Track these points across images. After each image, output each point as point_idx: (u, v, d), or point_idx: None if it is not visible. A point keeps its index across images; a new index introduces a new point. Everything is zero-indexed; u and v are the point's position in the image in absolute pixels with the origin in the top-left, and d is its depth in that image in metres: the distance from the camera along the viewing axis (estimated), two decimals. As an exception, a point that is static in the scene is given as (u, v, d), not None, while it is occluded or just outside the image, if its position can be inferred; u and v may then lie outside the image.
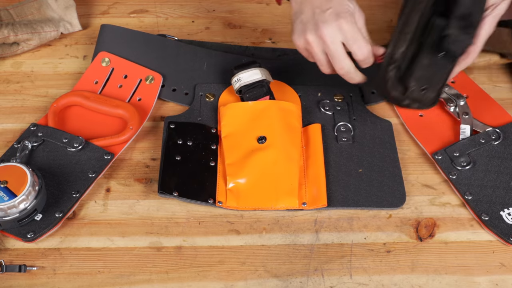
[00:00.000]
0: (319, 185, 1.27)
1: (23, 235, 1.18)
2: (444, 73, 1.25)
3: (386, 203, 1.26)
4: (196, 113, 1.40)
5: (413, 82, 1.26)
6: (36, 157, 1.29)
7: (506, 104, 1.42)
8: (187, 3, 1.69)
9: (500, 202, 1.25)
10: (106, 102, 1.38)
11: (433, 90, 1.27)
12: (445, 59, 1.23)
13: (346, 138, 1.36)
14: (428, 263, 1.18)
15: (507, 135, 1.34)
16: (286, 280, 1.15)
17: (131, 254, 1.18)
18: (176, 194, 1.24)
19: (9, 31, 1.49)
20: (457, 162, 1.30)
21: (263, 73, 1.39)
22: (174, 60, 1.49)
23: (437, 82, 1.26)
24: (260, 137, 1.32)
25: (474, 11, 1.19)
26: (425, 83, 1.26)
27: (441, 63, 1.24)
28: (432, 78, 1.26)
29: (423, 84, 1.26)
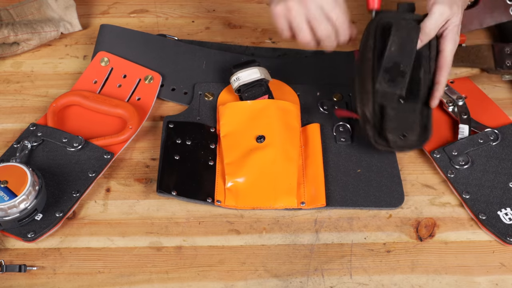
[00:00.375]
0: (318, 185, 1.27)
1: (23, 235, 1.18)
2: (414, 115, 1.27)
3: (385, 203, 1.26)
4: (195, 113, 1.40)
5: (390, 134, 1.27)
6: (35, 157, 1.29)
7: (505, 104, 1.42)
8: (187, 3, 1.69)
9: (497, 202, 1.25)
10: (105, 102, 1.38)
11: (413, 134, 1.27)
12: (409, 103, 1.26)
13: (344, 138, 1.36)
14: (428, 263, 1.18)
15: (505, 137, 1.35)
16: (286, 280, 1.16)
17: (131, 254, 1.19)
18: (175, 193, 1.25)
19: (9, 31, 1.49)
20: (455, 161, 1.30)
21: (262, 72, 1.39)
22: (173, 60, 1.49)
23: (412, 124, 1.27)
24: (259, 136, 1.32)
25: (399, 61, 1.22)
26: (401, 130, 1.27)
27: (407, 108, 1.26)
28: (405, 124, 1.27)
29: (400, 132, 1.27)
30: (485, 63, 1.42)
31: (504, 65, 1.41)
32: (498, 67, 1.42)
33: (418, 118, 1.27)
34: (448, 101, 1.39)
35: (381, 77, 1.24)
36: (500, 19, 1.49)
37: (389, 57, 1.24)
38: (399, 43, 1.24)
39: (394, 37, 1.24)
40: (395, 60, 1.23)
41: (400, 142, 1.27)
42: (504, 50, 1.42)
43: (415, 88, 1.25)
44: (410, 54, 1.22)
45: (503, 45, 1.42)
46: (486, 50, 1.42)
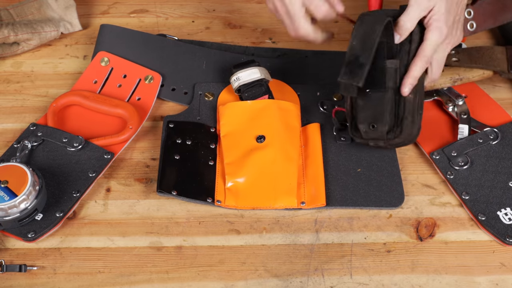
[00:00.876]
0: (318, 185, 1.27)
1: (23, 235, 1.18)
2: (382, 105, 1.25)
3: (385, 202, 1.26)
4: (195, 112, 1.40)
5: (361, 124, 1.27)
6: (36, 157, 1.29)
7: (506, 104, 1.42)
8: (187, 3, 1.69)
9: (497, 202, 1.25)
10: (105, 102, 1.38)
11: (383, 124, 1.25)
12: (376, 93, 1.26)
13: (345, 137, 1.36)
14: (428, 263, 1.18)
15: (505, 135, 1.35)
16: (286, 280, 1.16)
17: (131, 254, 1.19)
18: (175, 193, 1.25)
19: (9, 31, 1.49)
20: (455, 161, 1.30)
21: (262, 72, 1.40)
22: (173, 60, 1.49)
23: (380, 115, 1.25)
24: (259, 136, 1.32)
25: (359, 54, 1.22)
26: (371, 121, 1.26)
27: (374, 97, 1.26)
28: (374, 114, 1.26)
29: (370, 122, 1.26)
30: (498, 66, 1.41)
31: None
32: (511, 70, 1.41)
33: (387, 108, 1.25)
34: (447, 101, 1.39)
35: (342, 71, 1.23)
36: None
37: (350, 50, 1.23)
38: (360, 36, 1.23)
39: (356, 31, 1.24)
40: (356, 53, 1.22)
41: (371, 133, 1.26)
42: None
43: (380, 77, 1.25)
44: (370, 46, 1.21)
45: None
46: (499, 53, 1.42)
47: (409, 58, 1.25)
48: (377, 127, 1.25)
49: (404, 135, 1.25)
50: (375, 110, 1.25)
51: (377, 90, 1.25)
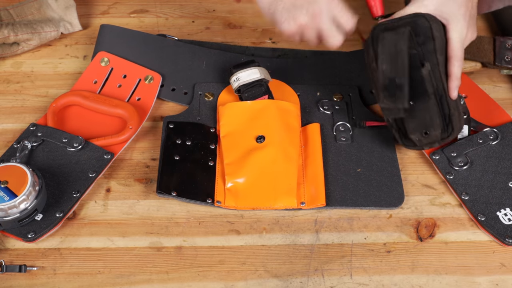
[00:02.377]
0: (318, 185, 1.27)
1: (23, 235, 1.18)
2: (429, 111, 1.26)
3: (385, 203, 1.26)
4: (195, 113, 1.40)
5: (412, 135, 1.28)
6: (36, 157, 1.29)
7: (506, 104, 1.42)
8: (187, 3, 1.69)
9: (496, 202, 1.25)
10: (105, 102, 1.38)
11: (434, 128, 1.26)
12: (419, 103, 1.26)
13: (345, 137, 1.36)
14: (428, 263, 1.18)
15: (505, 135, 1.35)
16: (286, 280, 1.16)
17: (131, 254, 1.19)
18: (175, 194, 1.25)
19: (9, 31, 1.49)
20: (454, 162, 1.30)
21: (262, 72, 1.40)
22: (173, 60, 1.49)
23: (431, 121, 1.26)
24: (259, 136, 1.32)
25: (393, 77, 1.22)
26: (422, 129, 1.27)
27: (419, 107, 1.26)
28: (423, 122, 1.27)
29: (421, 130, 1.27)
30: (484, 57, 1.42)
31: (503, 60, 1.41)
32: (497, 63, 1.42)
33: (434, 113, 1.26)
34: (448, 101, 1.39)
35: (381, 96, 1.24)
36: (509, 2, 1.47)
37: (382, 75, 1.23)
38: (388, 59, 1.23)
39: (382, 54, 1.23)
40: (389, 76, 1.22)
41: (425, 140, 1.28)
42: (506, 44, 1.42)
43: (419, 87, 1.24)
44: (403, 68, 1.22)
45: (504, 39, 1.42)
46: (486, 43, 1.42)
47: (436, 56, 1.24)
48: (430, 133, 1.27)
49: (456, 130, 1.26)
50: (423, 119, 1.26)
51: (421, 100, 1.25)
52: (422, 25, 1.22)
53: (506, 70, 1.44)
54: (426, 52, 1.24)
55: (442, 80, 1.24)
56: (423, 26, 1.22)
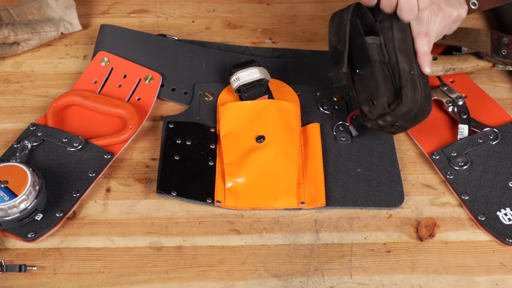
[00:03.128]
0: (318, 185, 1.27)
1: (23, 235, 1.18)
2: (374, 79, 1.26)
3: (385, 203, 1.26)
4: (195, 113, 1.40)
5: (363, 106, 1.28)
6: (36, 157, 1.29)
7: (506, 104, 1.42)
8: (187, 3, 1.69)
9: (497, 202, 1.25)
10: (105, 102, 1.38)
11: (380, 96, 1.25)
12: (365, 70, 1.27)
13: (344, 137, 1.36)
14: (428, 263, 1.18)
15: (505, 135, 1.35)
16: (286, 280, 1.16)
17: (131, 254, 1.19)
18: (175, 193, 1.25)
19: (9, 31, 1.49)
20: (454, 162, 1.30)
21: (262, 72, 1.39)
22: (173, 60, 1.49)
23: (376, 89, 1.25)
24: (259, 136, 1.32)
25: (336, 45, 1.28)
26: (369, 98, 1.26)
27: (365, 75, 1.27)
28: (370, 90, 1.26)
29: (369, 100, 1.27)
30: (482, 47, 1.42)
31: (500, 53, 1.41)
32: (494, 54, 1.42)
33: (380, 81, 1.25)
34: (447, 101, 1.39)
35: (329, 65, 1.29)
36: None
37: (330, 46, 1.29)
38: (334, 29, 1.28)
39: (331, 27, 1.29)
40: (334, 45, 1.28)
41: (374, 110, 1.26)
42: (502, 40, 1.42)
43: (363, 55, 1.26)
44: (343, 33, 1.26)
45: (502, 34, 1.43)
46: (484, 35, 1.43)
47: (392, 32, 1.26)
48: (376, 103, 1.25)
49: (407, 102, 1.22)
50: (369, 87, 1.26)
51: (366, 68, 1.27)
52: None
53: (502, 65, 1.44)
54: (383, 28, 1.27)
55: (396, 54, 1.25)
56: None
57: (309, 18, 1.47)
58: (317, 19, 1.64)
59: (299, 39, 1.59)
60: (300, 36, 1.60)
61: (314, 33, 1.60)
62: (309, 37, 1.59)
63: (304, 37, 1.59)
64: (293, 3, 1.69)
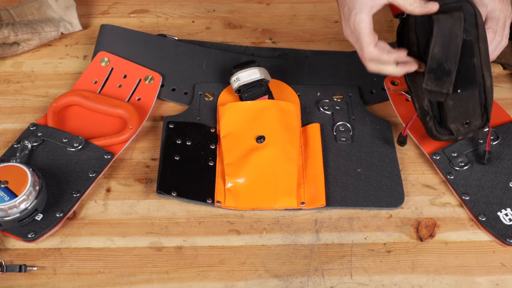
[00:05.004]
0: (318, 185, 1.27)
1: (23, 235, 1.18)
2: (474, 101, 1.23)
3: (385, 203, 1.26)
4: (195, 113, 1.40)
5: (453, 124, 1.25)
6: (36, 157, 1.29)
7: (506, 104, 1.42)
8: (187, 3, 1.69)
9: (497, 202, 1.25)
10: (105, 102, 1.38)
11: (476, 118, 1.24)
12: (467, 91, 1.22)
13: (345, 137, 1.36)
14: (429, 263, 1.18)
15: (505, 135, 1.34)
16: (286, 280, 1.16)
17: (131, 254, 1.19)
18: (175, 194, 1.25)
19: (9, 31, 1.49)
20: (455, 162, 1.30)
21: (262, 72, 1.39)
22: (173, 60, 1.49)
23: (473, 111, 1.24)
24: (259, 136, 1.32)
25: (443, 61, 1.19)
26: (464, 119, 1.24)
27: (465, 96, 1.22)
28: (466, 111, 1.24)
29: (462, 121, 1.25)
30: (503, 58, 1.41)
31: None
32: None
33: (477, 103, 1.23)
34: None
35: (427, 77, 1.20)
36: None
37: (432, 58, 1.19)
38: (441, 43, 1.18)
39: (436, 37, 1.18)
40: (439, 60, 1.19)
41: (464, 129, 1.25)
42: None
43: (469, 75, 1.21)
44: (454, 54, 1.18)
45: None
46: (507, 47, 1.42)
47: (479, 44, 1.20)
48: (471, 123, 1.25)
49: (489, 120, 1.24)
50: (467, 108, 1.23)
51: (469, 89, 1.22)
52: (468, 11, 1.19)
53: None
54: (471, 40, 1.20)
55: (482, 69, 1.21)
56: (469, 12, 1.19)
57: (309, 18, 1.46)
58: (317, 19, 1.64)
59: (299, 39, 1.59)
60: (300, 36, 1.60)
61: (314, 33, 1.60)
62: (309, 37, 1.59)
63: (304, 37, 1.59)
64: (293, 3, 1.69)
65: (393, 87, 1.41)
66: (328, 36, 1.59)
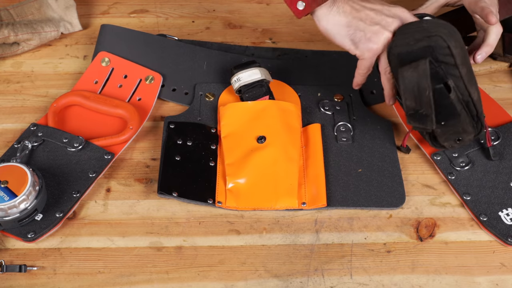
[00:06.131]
0: (319, 185, 1.27)
1: (23, 235, 1.18)
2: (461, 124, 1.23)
3: (386, 203, 1.26)
4: (196, 113, 1.40)
5: (446, 143, 1.26)
6: (36, 157, 1.29)
7: (507, 104, 1.42)
8: (187, 3, 1.69)
9: (498, 202, 1.25)
10: (106, 102, 1.39)
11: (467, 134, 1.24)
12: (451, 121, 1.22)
13: (345, 138, 1.36)
14: (429, 263, 1.18)
15: (506, 135, 1.34)
16: (286, 280, 1.15)
17: (131, 254, 1.19)
18: (176, 194, 1.25)
19: (9, 31, 1.49)
20: (456, 162, 1.30)
21: (263, 72, 1.39)
22: (174, 60, 1.49)
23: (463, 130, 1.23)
24: (260, 137, 1.32)
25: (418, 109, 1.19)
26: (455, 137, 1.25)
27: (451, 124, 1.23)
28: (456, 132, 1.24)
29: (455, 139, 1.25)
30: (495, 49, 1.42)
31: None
32: (506, 54, 1.44)
33: (466, 124, 1.23)
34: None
35: (408, 118, 1.22)
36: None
37: (407, 107, 1.20)
38: (411, 97, 1.18)
39: (405, 93, 1.19)
40: (414, 108, 1.19)
41: (457, 145, 1.26)
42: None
43: (449, 111, 1.20)
44: (427, 102, 1.17)
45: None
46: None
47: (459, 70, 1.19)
48: (463, 139, 1.25)
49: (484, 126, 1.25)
50: (456, 130, 1.23)
51: (451, 120, 1.22)
52: (441, 45, 1.18)
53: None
54: (447, 68, 1.19)
55: (467, 89, 1.20)
56: (441, 47, 1.18)
57: (309, 18, 1.45)
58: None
59: (299, 39, 1.59)
60: (300, 36, 1.60)
61: (314, 33, 1.60)
62: (309, 37, 1.59)
63: (304, 37, 1.59)
64: (293, 3, 1.69)
65: (393, 87, 1.41)
66: (328, 36, 1.59)
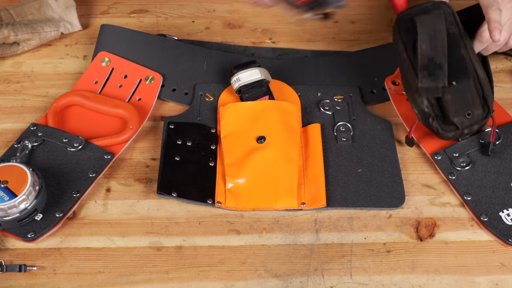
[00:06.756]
0: (318, 185, 1.27)
1: (23, 235, 1.18)
2: (470, 91, 1.26)
3: (386, 203, 1.26)
4: (196, 113, 1.40)
5: (456, 117, 1.27)
6: (36, 157, 1.29)
7: (507, 104, 1.42)
8: (187, 3, 1.69)
9: (499, 202, 1.25)
10: (106, 102, 1.38)
11: (476, 108, 1.26)
12: (461, 82, 1.25)
13: (345, 138, 1.36)
14: (428, 263, 1.18)
15: (506, 136, 1.34)
16: (286, 280, 1.15)
17: (131, 254, 1.19)
18: (175, 194, 1.25)
19: (9, 31, 1.49)
20: (457, 162, 1.30)
21: (263, 72, 1.39)
22: (174, 60, 1.49)
23: (473, 101, 1.26)
24: (260, 137, 1.32)
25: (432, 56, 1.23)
26: (465, 110, 1.26)
27: (461, 87, 1.25)
28: (466, 103, 1.26)
29: (464, 112, 1.26)
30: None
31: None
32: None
33: (474, 93, 1.26)
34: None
35: (420, 75, 1.24)
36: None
37: (422, 55, 1.24)
38: (427, 39, 1.24)
39: (422, 35, 1.24)
40: (429, 56, 1.23)
41: (468, 121, 1.27)
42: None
43: (460, 66, 1.25)
44: (442, 47, 1.23)
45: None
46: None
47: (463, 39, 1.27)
48: (473, 114, 1.26)
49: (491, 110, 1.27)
50: (465, 99, 1.26)
51: (462, 80, 1.25)
52: (446, 11, 1.26)
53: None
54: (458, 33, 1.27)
55: (472, 62, 1.26)
56: (447, 12, 1.26)
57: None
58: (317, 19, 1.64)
59: (299, 39, 1.59)
60: (300, 36, 1.60)
61: (314, 33, 1.60)
62: (309, 37, 1.59)
63: (304, 37, 1.59)
64: (293, 3, 1.69)
65: (394, 87, 1.41)
66: (328, 36, 1.59)
